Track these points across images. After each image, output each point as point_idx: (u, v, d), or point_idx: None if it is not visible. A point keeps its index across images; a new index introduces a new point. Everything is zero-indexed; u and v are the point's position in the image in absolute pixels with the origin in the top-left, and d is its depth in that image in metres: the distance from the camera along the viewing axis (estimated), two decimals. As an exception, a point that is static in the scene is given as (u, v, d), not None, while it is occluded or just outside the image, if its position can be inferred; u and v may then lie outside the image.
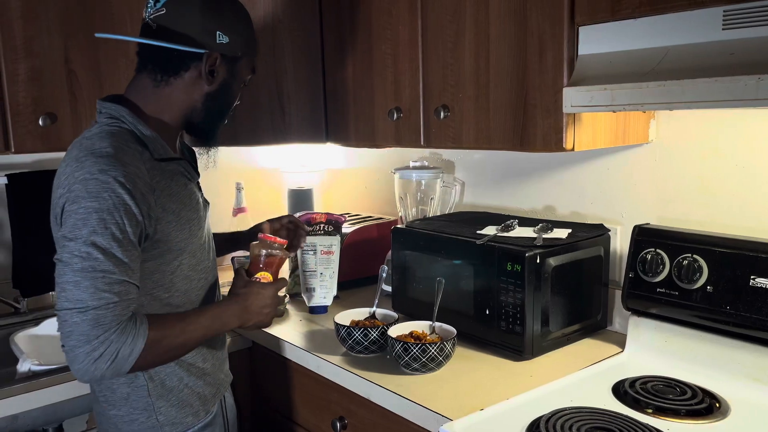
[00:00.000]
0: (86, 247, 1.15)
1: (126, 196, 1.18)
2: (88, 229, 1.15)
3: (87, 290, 1.14)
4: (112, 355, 1.15)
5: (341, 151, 2.60)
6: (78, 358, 1.14)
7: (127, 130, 1.28)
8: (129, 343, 1.16)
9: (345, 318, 1.65)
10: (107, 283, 1.15)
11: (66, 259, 1.16)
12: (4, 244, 2.06)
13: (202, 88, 1.35)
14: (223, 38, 1.32)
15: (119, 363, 1.16)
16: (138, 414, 1.33)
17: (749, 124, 1.45)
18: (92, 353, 1.14)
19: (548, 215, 1.88)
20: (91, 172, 1.17)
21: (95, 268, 1.15)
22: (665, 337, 1.49)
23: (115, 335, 1.15)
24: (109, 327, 1.14)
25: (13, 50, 1.71)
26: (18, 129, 1.73)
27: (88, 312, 1.13)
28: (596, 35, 1.31)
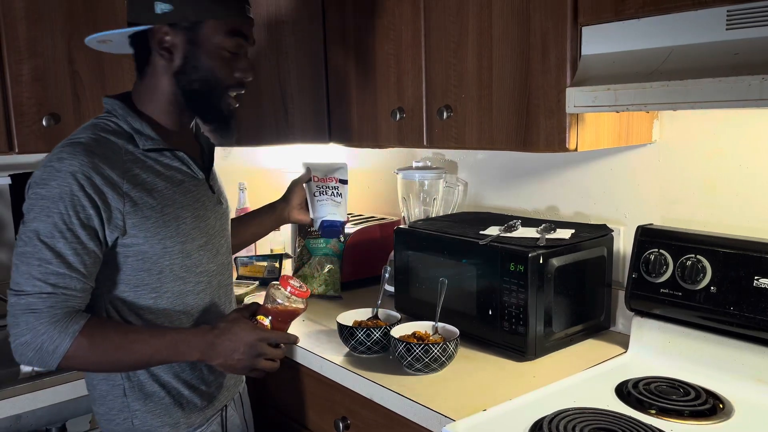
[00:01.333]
0: (29, 233, 1.15)
1: (75, 187, 1.15)
2: (33, 215, 1.15)
3: (23, 275, 1.14)
4: (37, 346, 1.13)
5: (344, 152, 2.60)
6: (10, 337, 1.15)
7: (114, 123, 1.26)
8: (54, 339, 1.13)
9: (348, 318, 1.65)
10: (42, 272, 1.13)
11: (18, 241, 1.17)
12: (8, 243, 2.07)
13: (169, 67, 1.26)
14: (164, 6, 1.20)
15: (43, 356, 1.14)
16: (114, 414, 1.28)
17: (753, 124, 1.45)
18: (20, 338, 1.13)
19: (551, 215, 1.88)
20: (51, 159, 1.17)
21: (33, 255, 1.14)
22: (668, 337, 1.49)
23: (43, 327, 1.12)
24: (39, 317, 1.12)
25: (17, 51, 1.71)
26: (21, 129, 1.74)
27: (21, 296, 1.13)
28: (600, 35, 1.31)
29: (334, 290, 2.04)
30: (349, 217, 1.81)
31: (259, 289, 2.19)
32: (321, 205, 1.68)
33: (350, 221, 2.22)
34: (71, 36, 1.78)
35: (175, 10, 1.21)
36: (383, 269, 1.73)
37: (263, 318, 1.30)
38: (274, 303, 1.31)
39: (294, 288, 1.31)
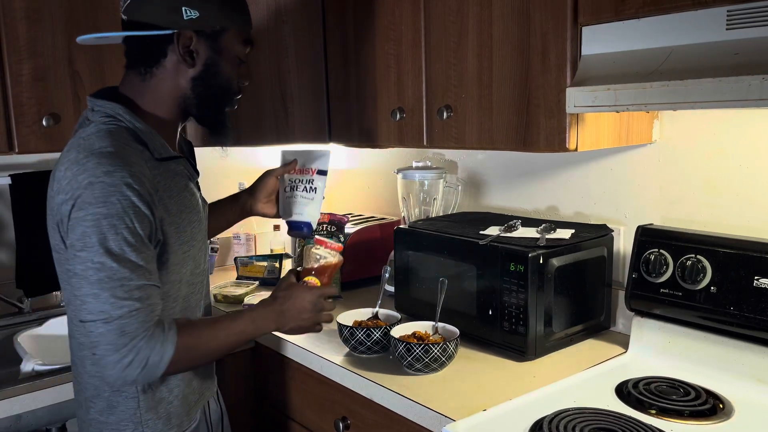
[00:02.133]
0: (99, 257, 1.11)
1: (135, 198, 1.13)
2: (99, 237, 1.11)
3: (107, 301, 1.11)
4: (142, 362, 1.13)
5: (344, 152, 2.60)
6: (108, 366, 1.12)
7: (125, 128, 1.22)
8: (158, 350, 1.14)
9: (348, 318, 1.65)
10: (126, 290, 1.12)
11: (80, 272, 1.12)
12: (8, 244, 2.07)
13: (187, 72, 1.26)
14: (192, 13, 1.22)
15: (150, 369, 1.14)
16: (125, 425, 1.26)
17: (754, 124, 1.45)
18: (122, 361, 1.12)
19: (551, 215, 1.88)
20: (96, 174, 1.12)
21: (112, 278, 1.11)
22: (669, 337, 1.49)
23: (143, 342, 1.12)
24: (135, 335, 1.12)
25: (17, 51, 1.71)
26: (22, 129, 1.74)
27: (112, 322, 1.11)
28: (600, 35, 1.31)
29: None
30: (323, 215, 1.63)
31: (258, 289, 2.19)
32: (289, 203, 1.58)
33: (350, 221, 2.22)
34: (71, 36, 1.78)
35: (201, 17, 1.22)
36: (383, 269, 1.73)
37: (311, 278, 1.40)
38: (318, 261, 1.42)
39: (330, 244, 1.44)
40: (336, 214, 2.07)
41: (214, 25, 1.24)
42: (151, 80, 1.26)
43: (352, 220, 2.27)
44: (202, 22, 1.23)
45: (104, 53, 1.84)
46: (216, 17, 1.24)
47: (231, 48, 1.28)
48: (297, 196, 1.56)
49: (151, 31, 1.21)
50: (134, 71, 1.27)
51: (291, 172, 1.60)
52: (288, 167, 1.60)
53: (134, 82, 1.27)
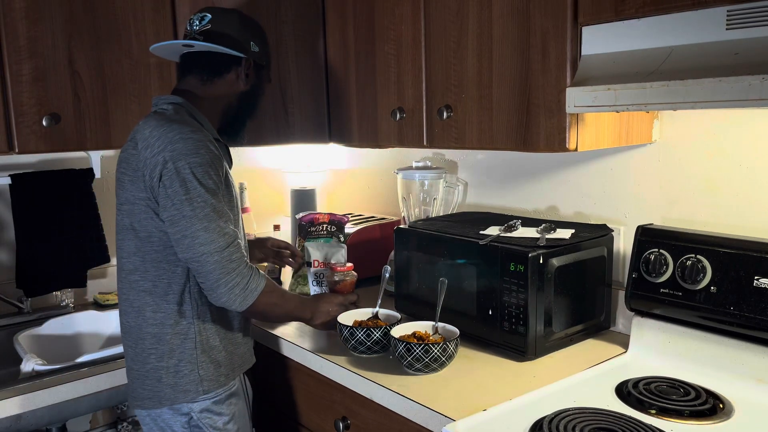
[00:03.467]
0: (202, 197, 1.38)
1: (216, 152, 1.45)
2: (199, 182, 1.38)
3: (215, 231, 1.38)
4: (245, 285, 1.42)
5: (344, 152, 2.60)
6: (220, 287, 1.40)
7: (186, 113, 1.50)
8: (255, 278, 1.44)
9: (348, 318, 1.65)
10: (226, 221, 1.41)
11: (187, 213, 1.37)
12: (8, 244, 2.07)
13: (239, 87, 1.60)
14: (255, 48, 1.60)
15: (248, 294, 1.43)
16: (183, 366, 1.48)
17: (754, 124, 1.45)
18: (230, 283, 1.40)
19: (551, 215, 1.88)
20: (185, 132, 1.41)
21: (215, 210, 1.40)
22: (668, 337, 1.49)
23: (246, 269, 1.43)
24: (240, 262, 1.42)
25: (17, 50, 1.71)
26: (22, 129, 1.74)
27: (223, 252, 1.39)
28: (600, 35, 1.31)
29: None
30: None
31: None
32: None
33: (350, 221, 2.22)
34: (71, 36, 1.78)
35: (260, 52, 1.62)
36: (383, 269, 1.73)
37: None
38: (338, 284, 1.76)
39: (343, 268, 1.79)
40: (336, 214, 2.08)
41: (263, 60, 1.65)
42: (210, 86, 1.58)
43: (352, 220, 2.27)
44: (260, 57, 1.63)
45: (104, 53, 1.84)
46: (265, 56, 1.66)
47: (265, 80, 1.69)
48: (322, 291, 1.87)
49: (232, 50, 1.55)
50: (196, 77, 1.57)
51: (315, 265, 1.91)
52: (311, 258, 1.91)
53: (194, 85, 1.58)
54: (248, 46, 1.58)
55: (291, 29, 2.02)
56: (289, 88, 2.04)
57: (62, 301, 2.10)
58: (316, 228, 2.04)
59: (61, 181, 2.03)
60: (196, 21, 1.56)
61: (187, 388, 1.48)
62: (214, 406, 1.51)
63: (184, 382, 1.48)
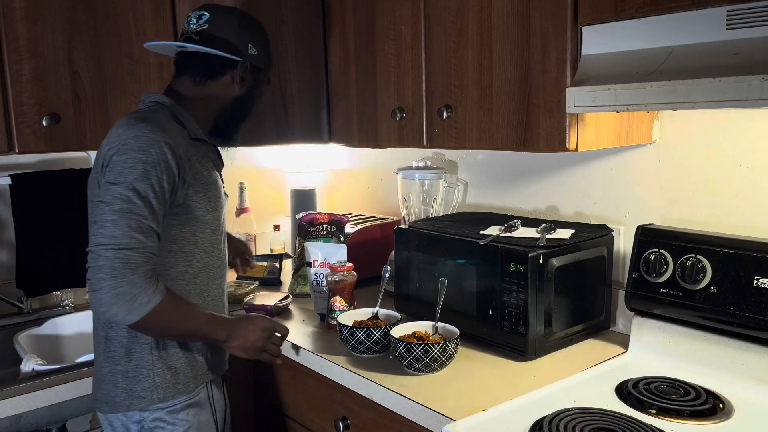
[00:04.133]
0: (127, 192, 1.30)
1: (169, 155, 1.35)
2: (133, 177, 1.31)
3: (122, 228, 1.28)
4: (133, 297, 1.27)
5: (344, 152, 2.60)
6: (103, 289, 1.26)
7: (168, 110, 1.46)
8: (149, 293, 1.29)
9: (348, 318, 1.65)
10: (140, 225, 1.30)
11: (108, 200, 1.30)
12: (8, 244, 2.07)
13: (234, 91, 1.55)
14: (254, 50, 1.55)
15: (134, 308, 1.27)
16: (139, 371, 1.42)
17: (754, 124, 1.45)
18: (116, 288, 1.26)
19: (551, 215, 1.88)
20: (142, 130, 1.34)
21: (132, 211, 1.29)
22: (668, 337, 1.49)
23: (141, 281, 1.28)
24: (136, 270, 1.27)
25: (17, 50, 1.71)
26: (22, 129, 1.74)
27: (121, 251, 1.27)
28: (600, 35, 1.31)
29: None
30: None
31: (258, 289, 2.19)
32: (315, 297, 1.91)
33: (350, 221, 2.22)
34: (71, 36, 1.78)
35: (258, 55, 1.57)
36: (383, 269, 1.73)
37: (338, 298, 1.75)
38: (337, 284, 1.74)
39: (343, 267, 1.76)
40: (336, 214, 2.08)
41: (261, 63, 1.59)
42: (203, 88, 1.53)
43: (352, 220, 2.27)
44: (257, 59, 1.57)
45: (104, 53, 1.84)
46: (264, 58, 1.60)
47: (263, 83, 1.64)
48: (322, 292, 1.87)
49: (227, 53, 1.50)
50: (189, 78, 1.52)
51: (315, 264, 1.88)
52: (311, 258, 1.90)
53: (186, 86, 1.53)
54: (245, 48, 1.54)
55: (291, 29, 2.02)
56: (289, 88, 2.04)
57: (62, 301, 2.10)
58: (316, 228, 2.04)
59: (61, 181, 2.03)
60: (194, 19, 1.52)
61: (142, 395, 1.42)
62: (167, 415, 1.44)
63: (139, 389, 1.41)
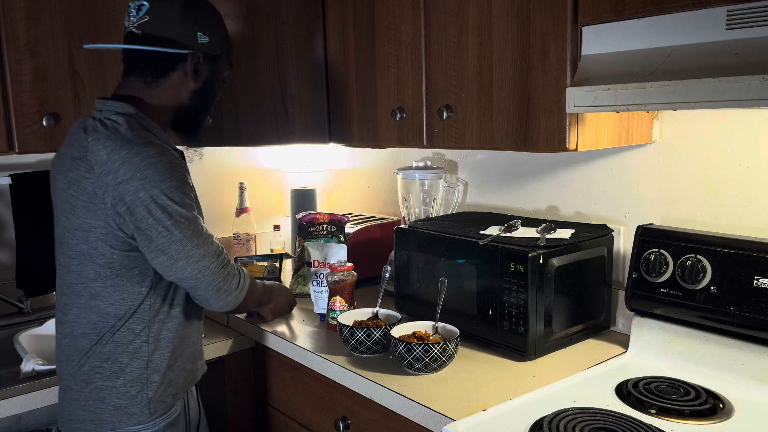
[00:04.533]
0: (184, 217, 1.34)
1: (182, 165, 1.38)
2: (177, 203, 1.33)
3: (205, 244, 1.38)
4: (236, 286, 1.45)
5: (344, 152, 2.60)
6: (222, 292, 1.42)
7: (137, 122, 1.38)
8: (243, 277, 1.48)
9: (348, 318, 1.65)
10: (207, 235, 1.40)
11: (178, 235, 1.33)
12: (8, 244, 2.07)
13: (189, 86, 1.46)
14: (204, 38, 1.44)
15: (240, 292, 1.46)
16: (131, 386, 1.40)
17: (754, 124, 1.45)
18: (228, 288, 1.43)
19: (551, 215, 1.88)
20: (151, 155, 1.32)
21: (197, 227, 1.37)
22: (669, 337, 1.49)
23: (236, 270, 1.46)
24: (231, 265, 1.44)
25: (17, 50, 1.71)
26: (22, 129, 1.74)
27: (217, 260, 1.39)
28: (600, 35, 1.31)
29: None
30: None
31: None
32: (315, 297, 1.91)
33: (350, 221, 2.22)
34: (71, 36, 1.78)
35: (210, 42, 1.46)
36: (383, 269, 1.73)
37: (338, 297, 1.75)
38: (338, 284, 1.75)
39: (343, 267, 1.76)
40: (336, 214, 2.08)
41: (217, 50, 1.48)
42: (155, 89, 1.44)
43: (352, 220, 2.27)
44: (210, 47, 1.46)
45: (104, 54, 1.84)
46: (219, 44, 1.49)
47: (222, 70, 1.54)
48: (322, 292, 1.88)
49: (171, 49, 1.40)
50: (139, 78, 1.43)
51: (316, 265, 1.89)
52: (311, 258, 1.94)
53: (137, 89, 1.44)
54: (193, 38, 1.41)
55: (291, 29, 2.02)
56: (289, 88, 2.04)
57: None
58: (316, 228, 2.04)
59: (61, 181, 2.03)
60: (133, 11, 1.40)
61: (132, 410, 1.39)
62: None
63: (130, 404, 1.39)
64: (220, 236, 2.51)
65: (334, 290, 1.75)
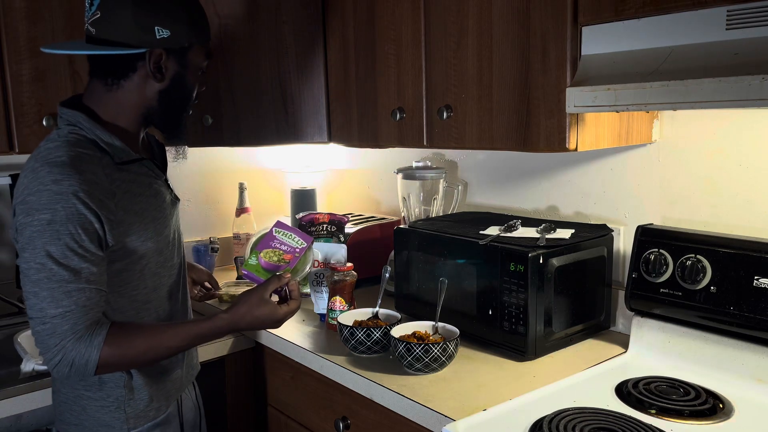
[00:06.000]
0: (41, 258, 1.17)
1: (80, 206, 1.18)
2: (43, 241, 1.17)
3: (45, 299, 1.18)
4: (69, 362, 1.19)
5: (344, 152, 2.60)
6: (45, 362, 1.21)
7: (85, 137, 1.26)
8: (83, 354, 1.19)
9: (348, 318, 1.65)
10: (64, 291, 1.18)
11: (24, 270, 1.20)
12: (8, 243, 2.07)
13: (154, 86, 1.32)
14: (163, 32, 1.27)
15: (79, 370, 1.20)
16: (110, 402, 1.34)
17: (753, 124, 1.45)
18: (52, 359, 1.19)
19: (551, 215, 1.88)
20: (44, 183, 1.18)
21: (51, 279, 1.18)
22: (668, 337, 1.49)
23: (70, 344, 1.18)
24: (64, 336, 1.18)
25: (17, 51, 1.71)
26: (22, 129, 1.74)
27: (47, 322, 1.18)
28: (600, 35, 1.31)
29: None
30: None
31: (259, 289, 2.19)
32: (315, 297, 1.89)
33: (350, 221, 2.22)
34: (71, 36, 1.78)
35: (172, 36, 1.28)
36: (383, 269, 1.73)
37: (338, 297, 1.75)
38: (337, 283, 1.75)
39: (343, 267, 1.77)
40: (336, 214, 2.08)
41: (183, 42, 1.31)
42: (117, 91, 1.31)
43: (352, 220, 2.27)
44: (173, 41, 1.29)
45: (104, 53, 1.83)
46: (185, 35, 1.30)
47: (195, 61, 1.35)
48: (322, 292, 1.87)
49: (123, 50, 1.25)
50: (100, 81, 1.31)
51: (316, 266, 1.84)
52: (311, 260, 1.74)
53: (99, 92, 1.32)
54: (150, 33, 1.25)
55: (291, 29, 2.02)
56: (289, 88, 2.04)
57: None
58: (316, 228, 2.04)
59: (61, 181, 2.02)
60: (87, 5, 1.27)
61: (112, 423, 1.34)
62: None
63: (109, 419, 1.34)
64: (220, 236, 2.52)
65: (334, 290, 1.75)
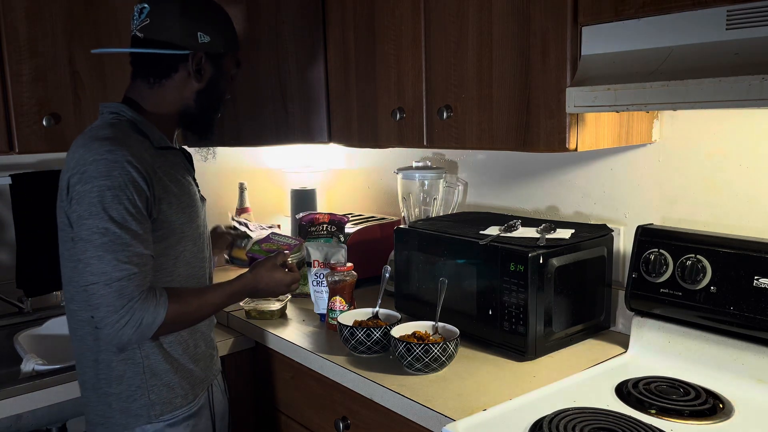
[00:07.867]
0: (104, 223, 1.25)
1: (134, 173, 1.29)
2: (104, 206, 1.26)
3: (110, 263, 1.25)
4: (137, 322, 1.26)
5: (344, 152, 2.60)
6: (107, 326, 1.26)
7: (127, 120, 1.39)
8: (151, 311, 1.28)
9: (348, 318, 1.65)
10: (127, 255, 1.26)
11: (86, 236, 1.26)
12: (8, 243, 2.07)
13: (192, 86, 1.46)
14: (205, 38, 1.43)
15: (144, 329, 1.28)
16: (133, 391, 1.39)
17: (754, 124, 1.45)
18: (119, 321, 1.25)
19: (551, 215, 1.88)
20: (99, 153, 1.28)
21: (114, 242, 1.25)
22: (668, 337, 1.49)
23: (138, 304, 1.26)
24: (131, 297, 1.26)
25: (18, 50, 1.71)
26: (22, 129, 1.74)
27: (112, 284, 1.25)
28: (600, 35, 1.31)
29: None
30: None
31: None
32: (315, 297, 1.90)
33: (350, 221, 2.22)
34: (71, 36, 1.78)
35: (212, 42, 1.44)
36: (383, 269, 1.73)
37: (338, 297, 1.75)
38: (338, 283, 1.74)
39: (343, 267, 1.77)
40: (336, 214, 2.08)
41: (220, 49, 1.47)
42: (159, 89, 1.45)
43: (352, 220, 2.27)
44: (212, 46, 1.45)
45: (104, 54, 1.84)
46: (222, 43, 1.47)
47: (228, 67, 1.52)
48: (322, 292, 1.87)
49: (171, 50, 1.40)
50: (143, 80, 1.45)
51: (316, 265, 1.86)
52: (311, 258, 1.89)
53: (142, 90, 1.45)
54: (194, 38, 1.41)
55: (291, 29, 2.02)
56: (289, 88, 2.04)
57: (62, 301, 2.10)
58: (316, 228, 2.04)
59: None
60: (136, 14, 1.42)
61: (139, 412, 1.39)
62: (168, 428, 1.42)
63: (135, 407, 1.39)
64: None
65: (334, 290, 1.75)
